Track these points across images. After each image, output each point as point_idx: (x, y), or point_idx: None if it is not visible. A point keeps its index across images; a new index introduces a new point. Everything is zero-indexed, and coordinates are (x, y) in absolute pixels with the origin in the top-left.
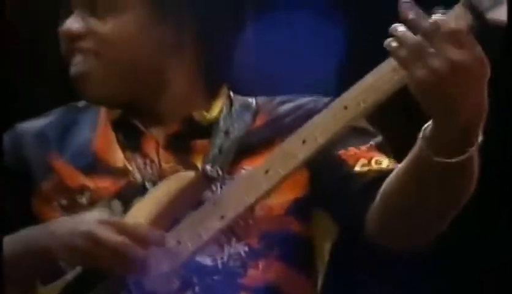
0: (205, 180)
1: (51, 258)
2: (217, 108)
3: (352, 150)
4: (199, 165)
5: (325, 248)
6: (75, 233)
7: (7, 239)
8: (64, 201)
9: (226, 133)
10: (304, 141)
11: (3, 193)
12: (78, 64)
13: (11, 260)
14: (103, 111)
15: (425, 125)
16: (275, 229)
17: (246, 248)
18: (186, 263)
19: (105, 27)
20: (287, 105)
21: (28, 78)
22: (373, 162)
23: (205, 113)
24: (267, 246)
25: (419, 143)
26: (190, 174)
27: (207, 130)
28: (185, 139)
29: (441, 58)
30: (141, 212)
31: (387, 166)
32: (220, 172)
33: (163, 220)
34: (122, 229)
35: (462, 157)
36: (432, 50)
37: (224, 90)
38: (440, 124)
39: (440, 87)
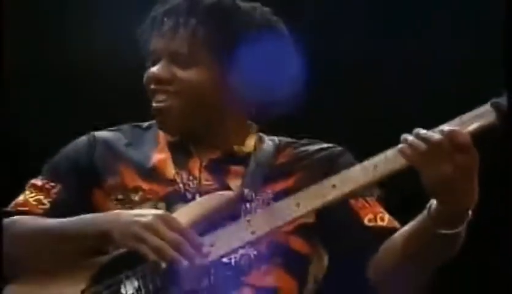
0: (241, 200)
1: (109, 240)
2: (251, 143)
3: (361, 202)
4: (232, 185)
5: (320, 268)
6: (136, 223)
7: (65, 220)
8: (120, 196)
9: (257, 165)
10: (333, 186)
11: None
12: (161, 101)
13: (67, 236)
14: (161, 134)
15: (429, 204)
16: (281, 243)
17: (255, 252)
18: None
19: (186, 75)
20: (308, 147)
21: None
22: (378, 217)
23: (243, 147)
24: (271, 254)
25: (424, 218)
26: (231, 193)
27: (241, 160)
28: (224, 164)
29: (452, 164)
30: (186, 215)
31: (388, 224)
32: (253, 195)
33: (202, 225)
34: (175, 228)
35: (459, 228)
36: (442, 157)
37: (257, 131)
38: (444, 207)
39: (449, 186)
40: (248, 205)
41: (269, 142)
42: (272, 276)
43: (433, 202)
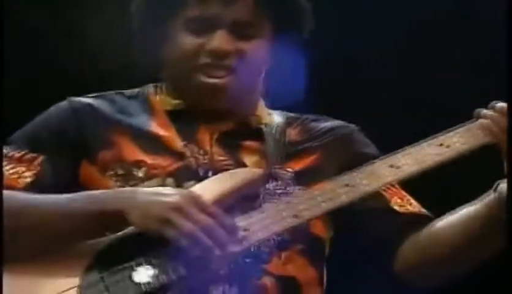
0: (266, 178)
1: (121, 221)
2: (265, 114)
3: None
4: (247, 162)
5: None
6: (162, 203)
7: (64, 196)
8: (120, 171)
9: (274, 139)
10: (391, 166)
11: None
12: (219, 77)
13: (68, 214)
14: (156, 102)
15: (495, 185)
16: (303, 227)
17: (277, 237)
18: None
19: (250, 48)
20: (320, 124)
21: None
22: (405, 201)
23: (259, 118)
24: (293, 240)
25: (490, 201)
26: (258, 170)
27: (254, 133)
28: (236, 138)
29: None
30: (207, 192)
31: (417, 210)
32: (278, 174)
33: (222, 204)
34: (206, 209)
35: None
36: None
37: (263, 102)
38: None
39: None
40: (268, 185)
41: (276, 115)
42: (292, 265)
43: (503, 183)
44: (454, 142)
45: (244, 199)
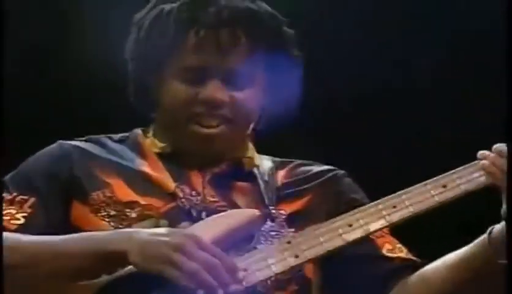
0: (263, 219)
1: (121, 261)
2: (254, 157)
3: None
4: (239, 203)
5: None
6: (164, 243)
7: (62, 237)
8: (112, 212)
9: (266, 182)
10: (394, 206)
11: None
12: (213, 127)
13: (67, 254)
14: (145, 145)
15: (490, 229)
16: (296, 268)
17: (272, 278)
18: None
19: (243, 97)
20: (308, 168)
21: None
22: (397, 248)
23: (252, 160)
24: (288, 281)
25: (484, 245)
26: (255, 211)
27: (246, 175)
28: (228, 179)
29: None
30: (205, 232)
31: (409, 257)
32: (277, 214)
33: (219, 245)
34: (207, 249)
35: None
36: None
37: (252, 146)
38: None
39: None
40: (263, 227)
41: (265, 159)
42: None
43: (497, 228)
44: (455, 183)
45: (238, 241)
